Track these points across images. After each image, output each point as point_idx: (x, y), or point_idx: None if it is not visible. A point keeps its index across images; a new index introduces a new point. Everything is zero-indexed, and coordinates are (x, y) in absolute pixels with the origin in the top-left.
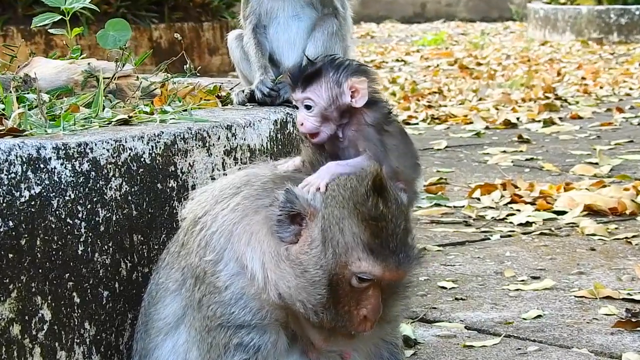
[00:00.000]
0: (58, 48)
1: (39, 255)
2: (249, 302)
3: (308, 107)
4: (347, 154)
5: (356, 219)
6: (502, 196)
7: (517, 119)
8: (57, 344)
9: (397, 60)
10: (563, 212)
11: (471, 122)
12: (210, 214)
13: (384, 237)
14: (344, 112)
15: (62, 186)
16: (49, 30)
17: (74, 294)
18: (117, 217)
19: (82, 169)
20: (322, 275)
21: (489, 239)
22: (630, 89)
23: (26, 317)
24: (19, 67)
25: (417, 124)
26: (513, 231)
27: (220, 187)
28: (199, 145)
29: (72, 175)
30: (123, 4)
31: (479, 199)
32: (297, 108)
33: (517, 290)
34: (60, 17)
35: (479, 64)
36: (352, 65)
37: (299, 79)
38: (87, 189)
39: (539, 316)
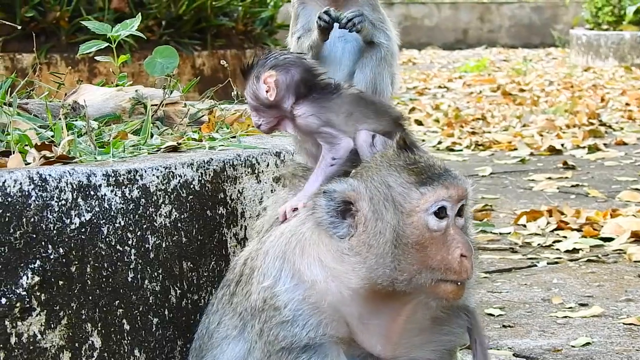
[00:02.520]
0: (102, 75)
1: (89, 282)
2: (308, 317)
3: (247, 103)
4: (312, 146)
5: (397, 172)
6: (548, 223)
7: (562, 145)
8: None
9: (440, 87)
10: (610, 239)
11: (515, 149)
12: (260, 252)
13: (429, 170)
14: (271, 105)
15: (112, 213)
16: (95, 57)
17: (124, 321)
18: (167, 244)
19: (132, 195)
20: (394, 239)
21: (535, 265)
22: None
23: (76, 344)
24: (66, 94)
25: (461, 150)
26: (560, 258)
27: (258, 234)
28: (248, 172)
29: (122, 202)
30: (166, 32)
31: (525, 226)
32: None
33: (565, 317)
34: (106, 44)
35: (522, 90)
36: (277, 58)
37: (242, 76)
38: (137, 216)
39: (588, 344)
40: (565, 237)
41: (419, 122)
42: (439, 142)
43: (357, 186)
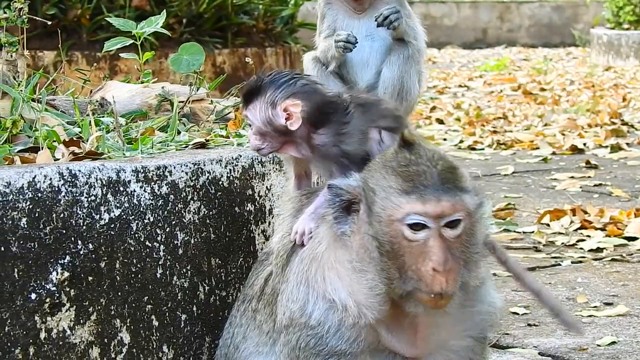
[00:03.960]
0: (122, 73)
1: (118, 278)
2: (345, 332)
3: (250, 125)
4: (321, 170)
5: (387, 174)
6: (572, 222)
7: (584, 144)
8: None
9: (460, 86)
10: (634, 238)
11: (537, 148)
12: (283, 279)
13: (417, 178)
14: (285, 132)
15: (141, 209)
16: (120, 54)
17: (153, 317)
18: (195, 240)
19: (161, 192)
20: (377, 243)
21: (559, 264)
22: None
23: (105, 340)
24: (91, 91)
25: (482, 149)
26: (584, 257)
27: (276, 256)
28: (276, 169)
29: (151, 198)
30: (187, 30)
31: (548, 225)
32: None
33: (590, 316)
34: (131, 41)
35: (542, 90)
36: (295, 84)
37: (243, 96)
38: (165, 212)
39: (613, 342)
40: (589, 236)
41: (440, 121)
42: (461, 141)
43: (357, 185)
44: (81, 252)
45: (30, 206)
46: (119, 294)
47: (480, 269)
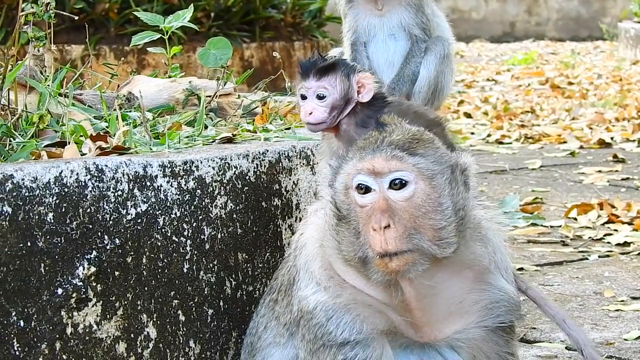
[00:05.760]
0: (150, 67)
1: (145, 273)
2: (340, 317)
3: (320, 97)
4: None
5: (351, 151)
6: (599, 216)
7: (612, 138)
8: None
9: (488, 80)
10: None
11: (565, 142)
12: (296, 263)
13: (364, 146)
14: (346, 105)
15: (168, 204)
16: (147, 48)
17: (179, 312)
18: (222, 235)
19: (187, 186)
20: (336, 209)
21: (587, 259)
22: None
23: (132, 335)
24: (118, 85)
25: (510, 143)
26: (611, 251)
27: (294, 249)
28: (303, 164)
29: (178, 193)
30: (215, 24)
31: (575, 219)
32: (304, 98)
33: (617, 310)
34: (158, 35)
35: (570, 83)
36: (358, 66)
37: (312, 68)
38: (192, 207)
39: None
40: (616, 230)
41: (467, 115)
42: (488, 135)
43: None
44: (108, 247)
45: (57, 201)
46: (146, 289)
47: (455, 237)
